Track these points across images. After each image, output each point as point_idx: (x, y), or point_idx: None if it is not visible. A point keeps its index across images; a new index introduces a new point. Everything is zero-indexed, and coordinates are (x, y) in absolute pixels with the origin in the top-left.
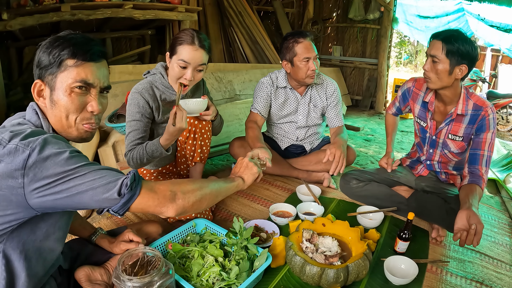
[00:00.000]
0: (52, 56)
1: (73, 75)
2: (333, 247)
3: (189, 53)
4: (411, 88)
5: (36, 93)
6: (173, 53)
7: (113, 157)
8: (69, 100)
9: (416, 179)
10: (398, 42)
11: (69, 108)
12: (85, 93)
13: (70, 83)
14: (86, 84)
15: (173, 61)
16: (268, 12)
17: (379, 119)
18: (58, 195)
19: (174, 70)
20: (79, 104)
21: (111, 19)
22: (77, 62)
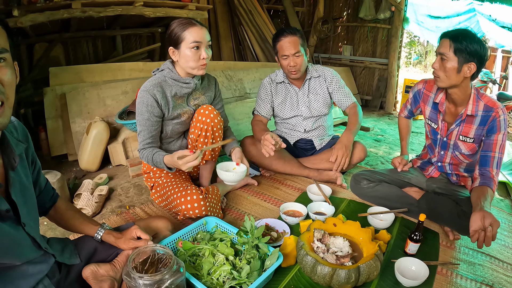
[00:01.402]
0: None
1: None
2: (344, 248)
3: (198, 33)
4: (422, 90)
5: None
6: (180, 42)
7: (123, 154)
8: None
9: (427, 181)
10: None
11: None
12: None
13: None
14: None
15: (183, 49)
16: (278, 11)
17: (389, 119)
18: None
19: (188, 56)
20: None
21: (121, 16)
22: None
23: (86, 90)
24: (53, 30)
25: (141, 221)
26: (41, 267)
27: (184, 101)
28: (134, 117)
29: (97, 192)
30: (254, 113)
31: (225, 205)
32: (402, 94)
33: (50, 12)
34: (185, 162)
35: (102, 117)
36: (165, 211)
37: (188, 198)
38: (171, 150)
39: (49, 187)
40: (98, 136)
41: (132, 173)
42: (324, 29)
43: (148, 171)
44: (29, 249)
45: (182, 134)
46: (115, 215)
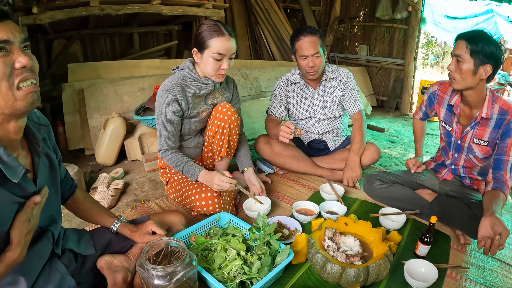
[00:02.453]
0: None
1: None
2: (354, 247)
3: (224, 45)
4: (437, 92)
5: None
6: (204, 48)
7: (139, 150)
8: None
9: (440, 183)
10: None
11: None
12: (7, 54)
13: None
14: (2, 42)
15: (206, 56)
16: (294, 10)
17: (404, 120)
18: None
19: (209, 64)
20: (4, 68)
21: (139, 14)
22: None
23: (104, 86)
24: (71, 27)
25: (155, 215)
26: (42, 245)
27: (202, 100)
28: (150, 114)
29: (113, 186)
30: (268, 113)
31: (238, 202)
32: (418, 96)
33: (68, 9)
34: (220, 179)
35: (119, 113)
36: (179, 206)
37: (202, 195)
38: (188, 147)
39: (69, 177)
40: (115, 132)
41: (147, 168)
42: (341, 28)
43: (164, 167)
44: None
45: (199, 131)
46: (130, 208)
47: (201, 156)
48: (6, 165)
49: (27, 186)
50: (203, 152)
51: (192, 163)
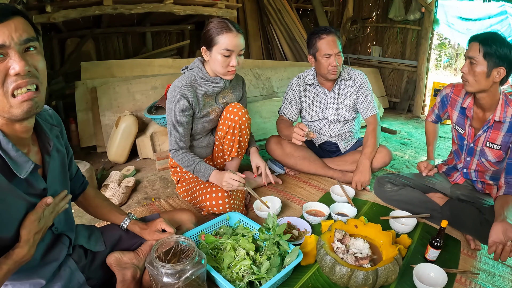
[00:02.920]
0: None
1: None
2: (364, 249)
3: (232, 41)
4: (449, 94)
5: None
6: (212, 45)
7: (151, 148)
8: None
9: (451, 187)
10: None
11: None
12: (3, 59)
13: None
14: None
15: (214, 53)
16: (307, 10)
17: (416, 123)
18: None
19: (218, 61)
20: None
21: (151, 13)
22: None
23: (116, 85)
24: (84, 26)
25: (166, 213)
26: (59, 250)
27: (213, 99)
28: (162, 112)
29: (124, 184)
30: (279, 113)
31: (249, 202)
32: (431, 98)
33: (82, 8)
34: (230, 177)
35: (131, 111)
36: (190, 205)
37: (213, 195)
38: (199, 147)
39: (80, 174)
40: (127, 130)
41: (158, 167)
42: (353, 29)
43: (175, 166)
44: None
45: (210, 131)
46: (141, 206)
47: (212, 155)
48: (13, 160)
49: (36, 182)
50: (213, 151)
51: (203, 163)
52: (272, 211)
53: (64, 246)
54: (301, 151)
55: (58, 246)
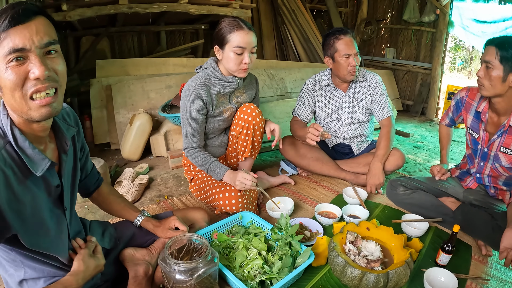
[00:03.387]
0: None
1: (2, 49)
2: (375, 252)
3: (243, 38)
4: (464, 98)
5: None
6: (224, 43)
7: (164, 146)
8: (6, 78)
9: (464, 192)
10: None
11: (9, 86)
12: (22, 62)
13: (1, 58)
14: (17, 51)
15: (226, 51)
16: (321, 11)
17: (429, 126)
18: None
19: (230, 59)
20: (17, 77)
21: (166, 12)
22: (2, 34)
23: (131, 83)
24: (100, 24)
25: (179, 211)
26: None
27: (226, 99)
28: (176, 111)
29: (137, 181)
30: (293, 114)
31: (261, 202)
32: (445, 101)
33: (97, 7)
34: (243, 176)
35: (146, 109)
36: (203, 204)
37: (226, 194)
38: (212, 146)
39: (95, 171)
40: (141, 127)
41: (172, 165)
42: (367, 30)
43: (189, 164)
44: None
45: (224, 130)
46: (154, 203)
47: (225, 155)
48: (29, 158)
49: (51, 179)
50: (227, 151)
51: (217, 163)
52: (284, 211)
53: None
54: (314, 153)
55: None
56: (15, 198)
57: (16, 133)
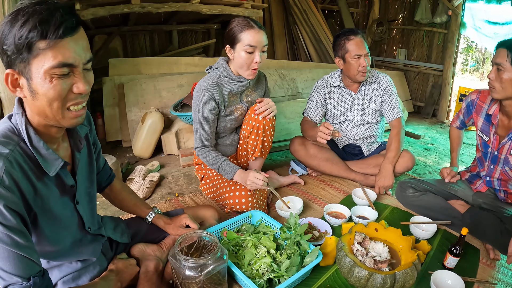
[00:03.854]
0: (18, 40)
1: (49, 60)
2: (383, 253)
3: (254, 37)
4: (475, 100)
5: (11, 85)
6: (236, 43)
7: (175, 144)
8: (50, 88)
9: (473, 195)
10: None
11: (52, 96)
12: (67, 75)
13: (47, 69)
14: (66, 66)
15: (238, 50)
16: (332, 11)
17: (440, 128)
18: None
19: (241, 58)
20: (62, 90)
21: (178, 12)
22: (49, 43)
23: (143, 82)
24: (112, 23)
25: (189, 209)
26: (93, 247)
27: (237, 98)
28: (188, 110)
29: (148, 178)
30: (304, 115)
31: (271, 201)
32: (456, 103)
33: (110, 6)
34: (254, 176)
35: (158, 107)
36: (213, 202)
37: (236, 193)
38: (223, 145)
39: (107, 167)
40: (152, 126)
41: (183, 163)
42: (379, 31)
43: (199, 163)
44: (75, 227)
45: (234, 129)
46: (164, 201)
47: (236, 154)
48: (43, 158)
49: (65, 178)
50: (238, 150)
51: (228, 162)
52: (293, 210)
53: (100, 245)
54: (324, 153)
55: (95, 245)
56: (35, 192)
57: (31, 133)
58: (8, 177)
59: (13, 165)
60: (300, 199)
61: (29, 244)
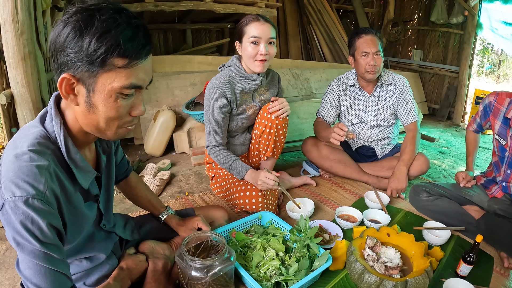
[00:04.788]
0: (94, 51)
1: (121, 79)
2: (395, 259)
3: (258, 28)
4: (492, 103)
5: (65, 90)
6: (242, 36)
7: (187, 143)
8: (113, 107)
9: (489, 200)
10: (480, 49)
11: (112, 116)
12: (131, 97)
13: (117, 87)
14: (135, 87)
15: (244, 43)
16: (347, 11)
17: (456, 131)
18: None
19: (247, 50)
20: (123, 111)
21: (192, 11)
22: (129, 63)
23: (156, 80)
24: None
25: (200, 209)
26: (106, 244)
27: (249, 97)
28: (200, 108)
29: (159, 176)
30: (317, 115)
31: (282, 202)
32: (472, 106)
33: (124, 5)
34: (265, 176)
35: (170, 106)
36: (223, 202)
37: (247, 193)
38: (235, 144)
39: (125, 161)
40: (164, 124)
41: (194, 162)
42: (394, 31)
43: (210, 162)
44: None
45: (247, 129)
46: (174, 199)
47: (247, 154)
48: (78, 170)
49: (91, 188)
50: (249, 150)
51: (239, 161)
52: (304, 212)
53: (112, 243)
54: (337, 154)
55: (107, 242)
56: (69, 201)
57: (70, 144)
58: (50, 192)
59: (52, 178)
60: (311, 200)
61: (63, 258)
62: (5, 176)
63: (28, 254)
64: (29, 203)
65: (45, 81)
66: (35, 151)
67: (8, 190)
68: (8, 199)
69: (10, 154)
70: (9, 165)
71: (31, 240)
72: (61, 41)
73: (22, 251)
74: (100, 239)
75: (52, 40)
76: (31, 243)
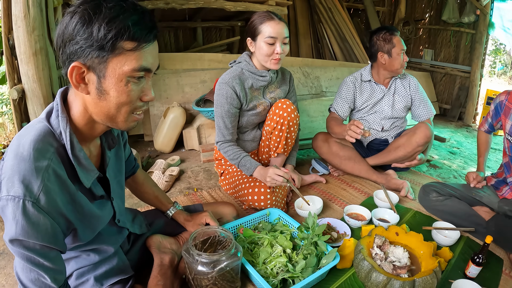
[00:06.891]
0: (104, 35)
1: (131, 62)
2: (403, 259)
3: (274, 28)
4: (504, 102)
5: (75, 79)
6: (256, 35)
7: (197, 139)
8: (124, 91)
9: (499, 201)
10: (492, 50)
11: (124, 100)
12: (140, 81)
13: (127, 71)
14: (145, 70)
15: (259, 42)
16: (358, 10)
17: (467, 132)
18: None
19: (263, 50)
20: (134, 96)
21: (203, 9)
22: (138, 46)
23: (167, 77)
24: None
25: (208, 205)
26: (116, 238)
27: (260, 94)
28: (210, 105)
29: (168, 172)
30: (331, 110)
31: (290, 200)
32: (483, 106)
33: None
34: (274, 172)
35: (180, 103)
36: (231, 198)
37: (256, 190)
38: (245, 140)
39: (132, 158)
40: (174, 120)
41: (203, 158)
42: (405, 30)
43: (220, 158)
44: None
45: (257, 125)
46: (183, 195)
47: (257, 150)
48: (81, 167)
49: (95, 189)
50: (259, 146)
51: (249, 158)
52: (312, 210)
53: (123, 237)
54: (346, 151)
55: (118, 237)
56: (73, 200)
57: (75, 141)
58: (45, 194)
59: (50, 179)
60: (320, 198)
61: (49, 260)
62: (5, 172)
63: (14, 252)
64: (19, 204)
65: (56, 76)
66: (37, 148)
67: (4, 188)
68: (2, 197)
69: (13, 150)
70: (10, 162)
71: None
72: (69, 31)
73: (11, 249)
74: (111, 234)
75: (60, 32)
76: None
